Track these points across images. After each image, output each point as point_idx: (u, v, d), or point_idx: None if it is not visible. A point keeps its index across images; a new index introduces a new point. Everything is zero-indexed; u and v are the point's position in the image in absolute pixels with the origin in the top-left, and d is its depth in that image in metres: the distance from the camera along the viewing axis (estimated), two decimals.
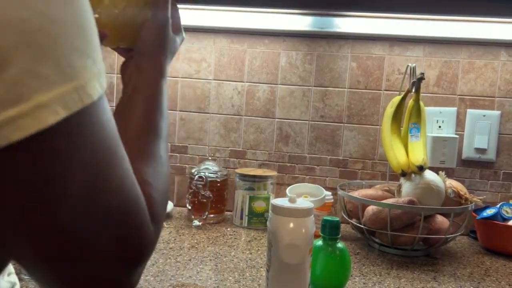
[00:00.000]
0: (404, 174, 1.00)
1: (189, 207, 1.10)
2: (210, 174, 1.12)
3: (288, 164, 1.24)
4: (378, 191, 1.05)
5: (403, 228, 0.94)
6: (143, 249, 0.37)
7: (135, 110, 0.48)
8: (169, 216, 1.16)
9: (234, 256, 0.90)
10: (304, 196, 1.04)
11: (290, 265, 0.63)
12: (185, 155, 1.28)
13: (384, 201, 0.96)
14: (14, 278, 0.59)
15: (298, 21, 1.20)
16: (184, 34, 0.61)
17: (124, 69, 0.58)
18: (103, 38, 0.51)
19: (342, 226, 0.82)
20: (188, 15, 1.21)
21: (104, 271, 0.34)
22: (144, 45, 0.53)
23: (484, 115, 1.17)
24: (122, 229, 0.34)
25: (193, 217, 1.09)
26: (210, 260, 0.86)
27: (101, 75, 0.32)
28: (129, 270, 0.36)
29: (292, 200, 0.65)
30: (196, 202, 1.08)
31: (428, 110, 1.15)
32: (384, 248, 0.99)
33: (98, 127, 0.32)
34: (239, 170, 1.15)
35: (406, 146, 1.03)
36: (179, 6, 0.60)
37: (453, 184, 1.03)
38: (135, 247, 0.36)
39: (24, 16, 0.27)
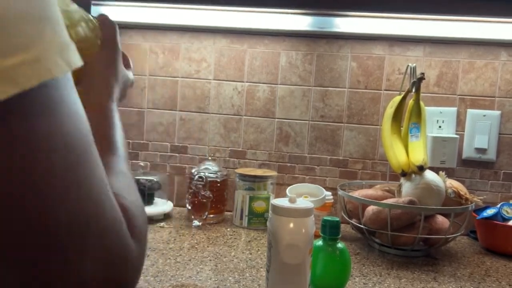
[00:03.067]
0: (404, 174, 0.99)
1: (189, 207, 1.10)
2: (210, 174, 1.12)
3: (288, 164, 1.24)
4: (378, 191, 1.05)
5: (403, 228, 0.94)
6: (126, 270, 0.32)
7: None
8: (169, 216, 1.15)
9: (234, 256, 0.90)
10: (304, 196, 1.04)
11: (290, 265, 0.63)
12: (185, 155, 1.27)
13: (384, 201, 0.95)
14: None
15: (298, 21, 1.20)
16: (132, 77, 0.60)
17: None
18: None
19: (342, 226, 0.82)
20: (188, 15, 1.21)
21: None
22: (93, 73, 0.50)
23: (484, 115, 1.17)
24: (98, 243, 0.29)
25: (193, 217, 1.09)
26: (210, 260, 0.86)
27: (65, 48, 0.26)
28: None
29: (292, 200, 0.65)
30: (196, 202, 1.08)
31: (428, 110, 1.15)
32: (384, 248, 0.99)
33: (62, 112, 0.26)
34: (239, 170, 1.15)
35: (406, 146, 1.03)
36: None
37: (453, 184, 1.03)
38: (116, 268, 0.31)
39: None
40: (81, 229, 0.28)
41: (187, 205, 1.11)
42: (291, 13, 1.19)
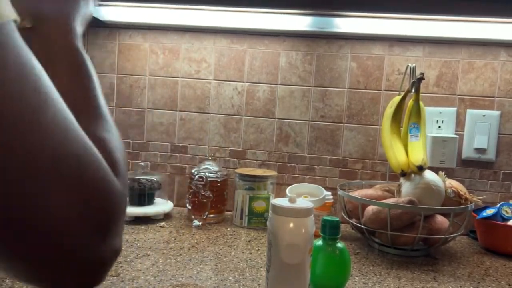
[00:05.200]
0: (404, 174, 1.00)
1: (189, 207, 1.10)
2: (210, 174, 1.12)
3: (288, 164, 1.25)
4: (378, 191, 1.05)
5: (403, 228, 0.95)
6: (110, 202, 0.33)
7: (60, 81, 0.41)
8: (169, 216, 1.16)
9: (234, 256, 0.90)
10: (304, 196, 1.04)
11: (290, 265, 0.63)
12: (185, 155, 1.28)
13: (384, 201, 0.96)
14: None
15: (298, 21, 1.20)
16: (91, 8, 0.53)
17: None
18: None
19: (342, 226, 0.82)
20: (188, 15, 1.21)
21: (64, 240, 0.29)
22: (47, 16, 0.45)
23: (484, 115, 1.18)
24: (73, 179, 0.29)
25: (193, 217, 1.09)
26: (210, 260, 0.87)
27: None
28: (96, 235, 0.31)
29: (292, 200, 0.65)
30: (196, 202, 1.08)
31: (428, 110, 1.16)
32: (384, 248, 0.99)
33: (8, 56, 0.27)
34: (239, 170, 1.15)
35: (406, 146, 1.03)
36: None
37: (453, 184, 1.03)
38: (99, 201, 0.32)
39: None
40: (48, 164, 0.28)
41: (187, 205, 1.11)
42: (291, 13, 1.19)
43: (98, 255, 0.32)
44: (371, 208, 0.97)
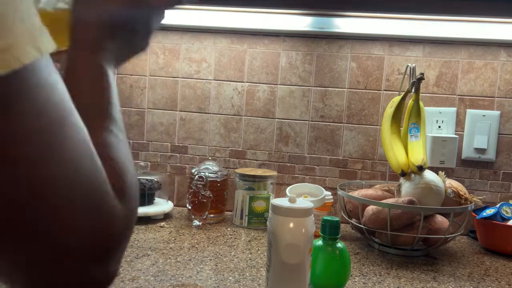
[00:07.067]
0: (403, 174, 1.00)
1: (189, 207, 1.10)
2: (210, 174, 1.12)
3: (288, 164, 1.25)
4: (378, 191, 1.05)
5: (403, 228, 0.95)
6: (111, 228, 0.33)
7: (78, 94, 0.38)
8: (169, 216, 1.16)
9: (234, 256, 0.90)
10: (304, 196, 1.04)
11: (290, 265, 0.63)
12: (185, 155, 1.28)
13: (384, 201, 0.96)
14: None
15: (298, 21, 1.20)
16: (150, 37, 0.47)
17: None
18: None
19: (342, 226, 0.83)
20: (188, 15, 1.21)
21: (66, 260, 0.30)
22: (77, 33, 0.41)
23: (483, 115, 1.18)
24: (80, 207, 0.31)
25: (193, 217, 1.09)
26: (210, 260, 0.87)
27: (36, 37, 0.28)
28: (99, 256, 0.32)
29: (292, 200, 0.65)
30: (196, 202, 1.08)
31: (428, 110, 1.16)
32: (384, 248, 0.99)
33: (34, 94, 0.28)
34: (239, 170, 1.15)
35: (405, 146, 1.03)
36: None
37: (452, 184, 1.03)
38: (100, 227, 0.32)
39: None
40: (62, 192, 0.29)
41: (187, 205, 1.11)
42: (291, 13, 1.19)
43: (94, 279, 0.33)
44: (371, 208, 0.97)
